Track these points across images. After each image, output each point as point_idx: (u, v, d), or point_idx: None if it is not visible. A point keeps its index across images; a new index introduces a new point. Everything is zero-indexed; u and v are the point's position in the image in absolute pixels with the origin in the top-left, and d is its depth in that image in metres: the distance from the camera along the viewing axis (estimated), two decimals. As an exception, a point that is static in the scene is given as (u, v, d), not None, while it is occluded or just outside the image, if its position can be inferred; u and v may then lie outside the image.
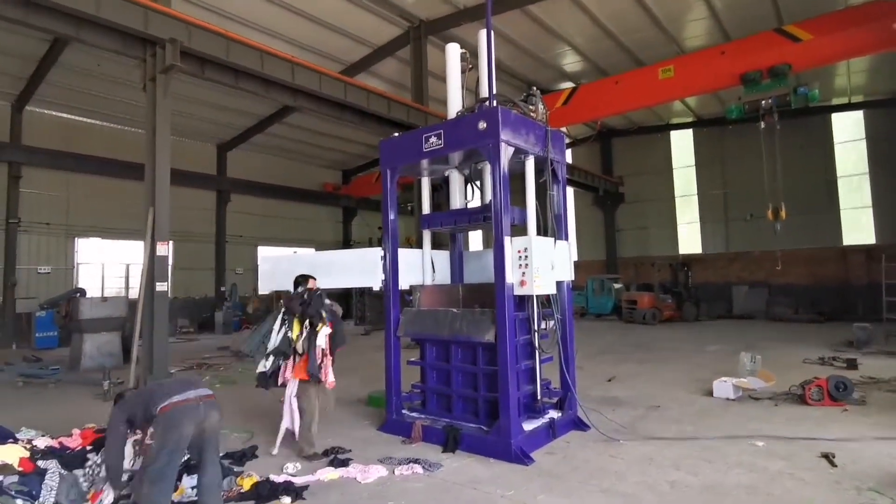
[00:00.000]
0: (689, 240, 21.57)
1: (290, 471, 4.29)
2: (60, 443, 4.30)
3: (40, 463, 3.74)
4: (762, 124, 11.82)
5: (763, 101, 11.55)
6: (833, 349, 10.11)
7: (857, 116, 18.43)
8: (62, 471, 3.69)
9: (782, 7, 12.56)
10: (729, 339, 12.41)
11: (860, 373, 7.63)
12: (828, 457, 4.26)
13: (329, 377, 4.69)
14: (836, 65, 14.95)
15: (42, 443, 4.26)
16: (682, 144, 21.87)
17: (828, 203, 18.61)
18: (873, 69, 15.94)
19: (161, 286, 8.08)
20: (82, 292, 12.67)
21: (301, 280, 4.90)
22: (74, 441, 4.35)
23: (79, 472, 3.78)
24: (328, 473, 4.19)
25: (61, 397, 7.52)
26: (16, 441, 4.16)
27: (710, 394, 6.57)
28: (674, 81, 12.31)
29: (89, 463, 3.83)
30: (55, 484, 3.53)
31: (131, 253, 17.45)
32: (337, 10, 12.91)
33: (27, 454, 3.82)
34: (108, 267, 17.49)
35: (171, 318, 11.54)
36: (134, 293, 15.47)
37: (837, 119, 18.72)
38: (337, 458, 4.51)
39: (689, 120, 21.27)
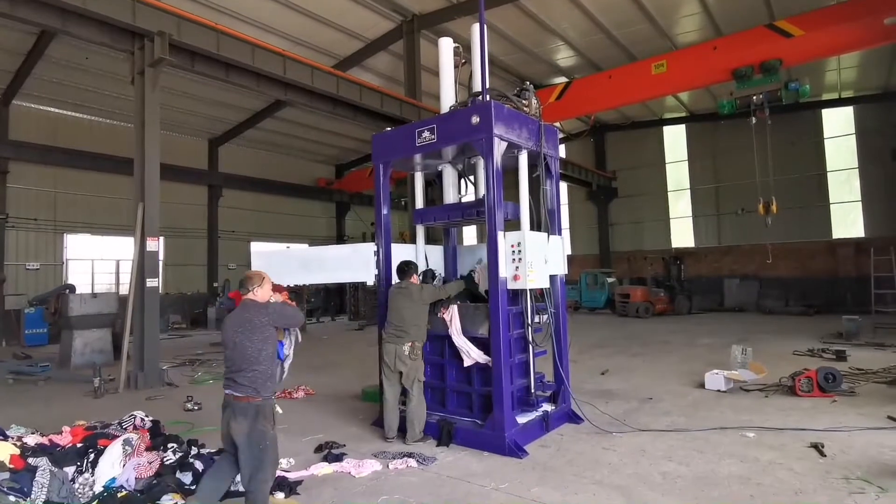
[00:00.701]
0: (682, 234, 21.73)
1: (284, 466, 4.27)
2: (51, 440, 4.27)
3: (31, 460, 3.70)
4: (753, 119, 11.91)
5: (754, 97, 11.63)
6: (822, 341, 10.24)
7: (847, 112, 18.61)
8: (53, 468, 3.66)
9: (774, 2, 12.62)
10: (720, 331, 12.53)
11: (849, 364, 7.74)
12: (817, 447, 4.32)
13: None
14: (827, 60, 15.06)
15: (32, 440, 4.22)
16: (674, 139, 21.99)
17: (818, 197, 18.81)
18: (863, 65, 16.07)
19: (151, 282, 8.02)
20: (72, 288, 12.50)
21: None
22: (65, 438, 4.33)
23: (69, 469, 3.75)
24: (322, 468, 4.18)
25: (51, 395, 7.45)
26: (6, 438, 4.12)
27: (702, 386, 6.64)
28: (666, 76, 12.34)
29: (80, 480, 3.71)
30: (46, 481, 3.50)
31: (121, 249, 17.26)
32: (329, 4, 12.79)
33: (18, 451, 3.78)
34: (97, 263, 17.30)
35: (162, 314, 11.44)
36: (124, 289, 15.31)
37: (828, 114, 18.89)
38: (331, 452, 4.51)
39: (682, 115, 21.37)
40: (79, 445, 4.09)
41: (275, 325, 3.29)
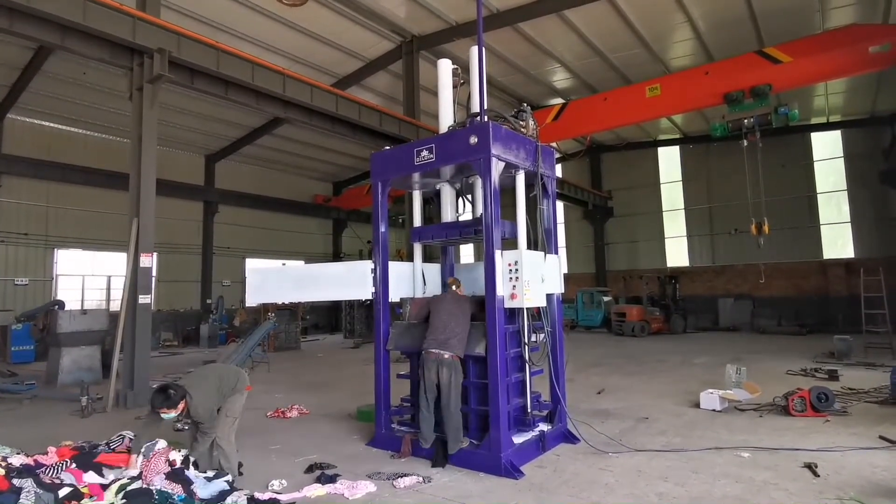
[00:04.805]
0: (677, 253, 21.89)
1: (276, 488, 4.19)
2: (36, 460, 4.16)
3: (15, 481, 3.61)
4: (745, 142, 12.15)
5: (745, 120, 11.88)
6: (815, 360, 10.29)
7: (835, 135, 19.02)
8: (37, 490, 3.57)
9: (763, 30, 12.99)
10: (715, 351, 12.55)
11: (841, 384, 7.77)
12: (811, 467, 4.32)
13: None
14: (815, 86, 15.45)
15: (17, 461, 4.11)
16: (668, 160, 22.32)
17: (808, 218, 19.09)
18: (850, 90, 16.50)
19: (144, 298, 7.93)
20: (61, 305, 12.36)
21: None
22: (50, 459, 4.22)
23: (63, 491, 3.65)
24: (315, 490, 4.10)
25: (37, 413, 7.28)
26: (-10, 458, 4.02)
27: (698, 405, 6.62)
28: (660, 99, 12.60)
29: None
30: (31, 503, 3.41)
31: (114, 264, 17.11)
32: (330, 24, 13.02)
33: (2, 472, 3.69)
34: (88, 279, 17.12)
35: (153, 331, 11.32)
36: (115, 306, 15.12)
37: (817, 138, 19.29)
38: (324, 473, 4.43)
39: (676, 136, 21.73)
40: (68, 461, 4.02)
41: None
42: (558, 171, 22.61)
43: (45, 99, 14.76)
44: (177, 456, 4.00)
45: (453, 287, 5.21)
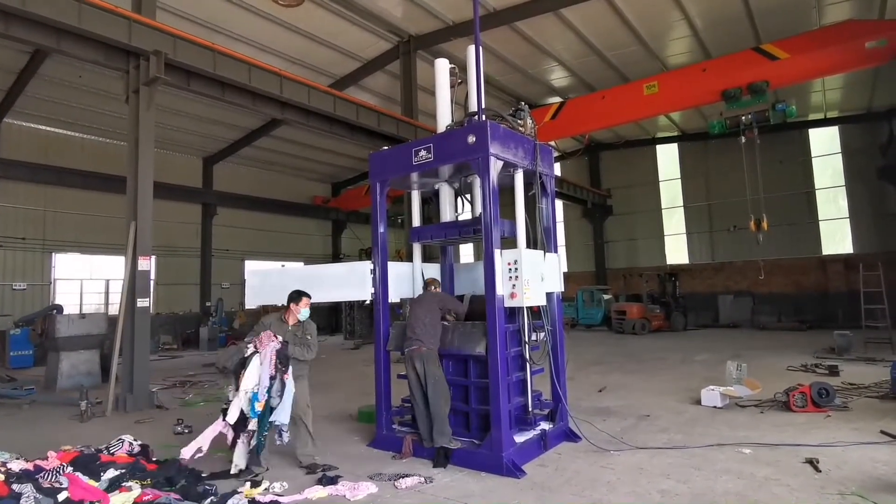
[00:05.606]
0: (676, 250, 21.90)
1: (277, 490, 4.18)
2: (36, 465, 4.15)
3: (15, 487, 3.60)
4: (743, 139, 12.16)
5: (743, 117, 11.91)
6: (815, 356, 10.30)
7: (833, 131, 19.04)
8: (37, 495, 3.56)
9: (760, 27, 12.99)
10: (716, 347, 12.56)
11: (841, 379, 7.79)
12: (812, 462, 4.32)
13: None
14: (812, 82, 15.46)
15: (17, 466, 4.10)
16: (667, 158, 22.33)
17: (807, 214, 19.11)
18: (847, 86, 16.51)
19: (142, 302, 7.91)
20: (59, 309, 12.32)
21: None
22: (51, 463, 4.21)
23: (62, 495, 3.63)
24: (316, 492, 4.09)
25: (36, 418, 7.26)
26: (-11, 464, 4.00)
27: (699, 402, 6.63)
28: (658, 97, 12.60)
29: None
30: (30, 508, 3.40)
31: (112, 268, 17.06)
32: (326, 25, 13.00)
33: (2, 477, 3.67)
34: (86, 283, 17.07)
35: (153, 334, 11.27)
36: (114, 309, 15.07)
37: (814, 134, 19.31)
38: (326, 475, 4.41)
39: (674, 134, 21.74)
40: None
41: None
42: (557, 169, 22.61)
43: (41, 102, 14.71)
44: (281, 337, 4.61)
45: (431, 287, 5.39)
